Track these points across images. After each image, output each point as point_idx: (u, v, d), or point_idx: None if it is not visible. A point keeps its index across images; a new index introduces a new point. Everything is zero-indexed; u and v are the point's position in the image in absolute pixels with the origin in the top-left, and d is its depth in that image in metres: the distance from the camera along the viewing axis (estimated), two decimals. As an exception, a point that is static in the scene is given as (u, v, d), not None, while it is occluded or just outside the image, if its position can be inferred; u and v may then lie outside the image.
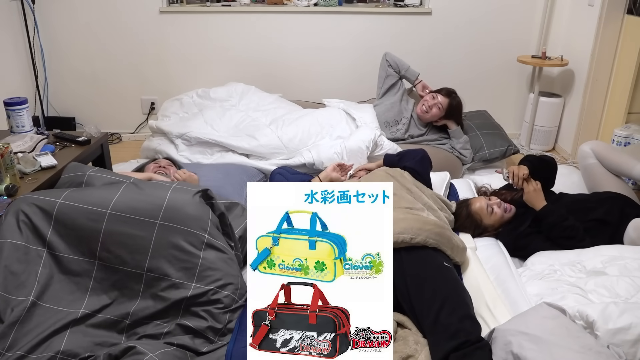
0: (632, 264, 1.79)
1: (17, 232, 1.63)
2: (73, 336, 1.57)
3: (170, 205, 1.68)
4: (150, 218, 1.66)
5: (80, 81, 4.01)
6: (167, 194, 1.71)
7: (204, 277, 1.66)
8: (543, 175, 2.30)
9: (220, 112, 3.25)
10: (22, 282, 1.58)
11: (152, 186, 1.77)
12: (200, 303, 1.64)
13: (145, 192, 1.72)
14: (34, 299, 1.57)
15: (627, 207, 2.17)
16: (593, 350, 1.36)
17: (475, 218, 2.18)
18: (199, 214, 1.72)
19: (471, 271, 1.93)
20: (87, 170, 1.94)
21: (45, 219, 1.66)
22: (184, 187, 1.78)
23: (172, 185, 1.77)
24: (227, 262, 1.73)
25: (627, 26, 3.33)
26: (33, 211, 1.66)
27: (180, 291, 1.64)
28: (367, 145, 2.82)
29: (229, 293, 1.67)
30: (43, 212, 1.67)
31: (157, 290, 1.65)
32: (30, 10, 3.75)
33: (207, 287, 1.65)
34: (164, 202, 1.68)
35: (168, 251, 1.66)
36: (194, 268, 1.66)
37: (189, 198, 1.73)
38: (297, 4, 3.88)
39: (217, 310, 1.63)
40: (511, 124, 4.14)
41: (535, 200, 2.16)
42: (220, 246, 1.74)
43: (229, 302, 1.66)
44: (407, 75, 3.31)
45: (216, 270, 1.68)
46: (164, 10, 3.83)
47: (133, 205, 1.68)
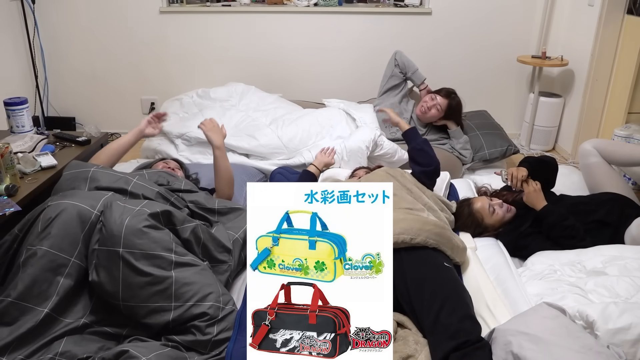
0: (632, 264, 1.79)
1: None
2: (72, 339, 1.56)
3: (128, 232, 1.62)
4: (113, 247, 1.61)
5: (80, 81, 4.01)
6: (125, 222, 1.64)
7: (181, 294, 1.59)
8: (543, 176, 2.30)
9: (220, 112, 3.25)
10: (43, 291, 1.56)
11: (113, 217, 1.68)
12: (185, 320, 1.57)
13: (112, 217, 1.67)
14: (48, 311, 1.55)
15: (626, 207, 2.17)
16: (593, 350, 1.36)
17: (476, 217, 2.19)
18: (160, 236, 1.66)
19: (471, 271, 1.92)
20: (91, 167, 1.94)
21: None
22: (144, 208, 1.72)
23: (134, 210, 1.70)
24: (201, 273, 1.67)
25: (627, 26, 3.33)
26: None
27: (162, 315, 1.58)
28: (367, 145, 2.82)
29: (212, 303, 1.60)
30: None
31: (139, 318, 1.60)
32: (30, 10, 3.75)
33: (187, 304, 1.58)
34: (122, 229, 1.62)
35: (137, 279, 1.59)
36: (169, 289, 1.59)
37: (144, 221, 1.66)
38: (297, 4, 3.88)
39: (203, 322, 1.57)
40: (511, 124, 4.14)
41: (535, 201, 2.16)
42: (190, 260, 1.67)
43: (214, 312, 1.59)
44: (413, 78, 3.29)
45: (192, 284, 1.61)
46: (164, 10, 3.83)
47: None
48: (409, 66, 3.27)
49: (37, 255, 1.57)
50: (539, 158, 2.38)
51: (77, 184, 1.89)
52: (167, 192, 1.98)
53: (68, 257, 1.61)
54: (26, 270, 1.56)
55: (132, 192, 1.90)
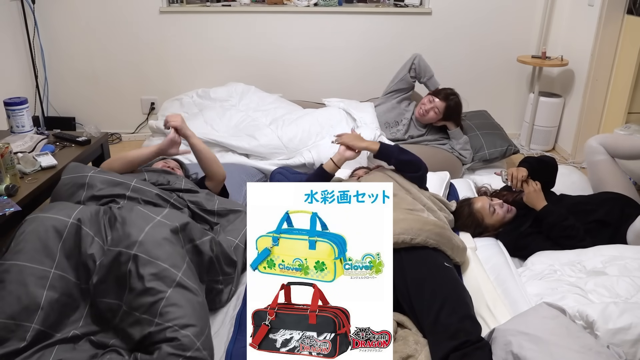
0: (632, 264, 1.79)
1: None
2: (63, 348, 1.52)
3: (145, 240, 1.60)
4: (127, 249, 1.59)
5: (80, 81, 4.01)
6: (145, 230, 1.62)
7: (165, 312, 1.50)
8: (543, 176, 2.30)
9: (220, 112, 3.25)
10: (26, 306, 1.50)
11: (133, 220, 1.67)
12: (158, 340, 1.47)
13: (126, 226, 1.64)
14: (37, 326, 1.49)
15: (627, 207, 2.17)
16: (593, 350, 1.36)
17: (476, 217, 2.19)
18: (174, 252, 1.63)
19: (471, 271, 1.93)
20: (88, 172, 1.92)
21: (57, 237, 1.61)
22: (165, 220, 1.70)
23: (155, 220, 1.69)
24: (197, 304, 1.58)
25: (627, 26, 3.33)
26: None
27: (143, 327, 1.51)
28: (367, 145, 2.82)
29: (190, 335, 1.46)
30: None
31: (125, 325, 1.55)
32: (30, 10, 3.75)
33: (166, 324, 1.48)
34: (140, 237, 1.60)
35: (137, 284, 1.55)
36: (158, 303, 1.52)
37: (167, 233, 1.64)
38: (297, 4, 3.88)
39: (170, 348, 1.43)
40: (511, 124, 4.14)
41: (535, 201, 2.16)
42: (192, 287, 1.60)
43: (188, 343, 1.44)
44: (428, 84, 3.25)
45: (180, 307, 1.51)
46: (164, 10, 3.83)
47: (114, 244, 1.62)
48: (425, 71, 3.23)
49: (11, 271, 1.52)
50: (539, 158, 2.38)
51: (74, 190, 1.87)
52: (166, 194, 1.98)
53: (47, 268, 1.56)
54: (5, 287, 1.50)
55: (131, 196, 1.89)
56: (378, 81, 3.72)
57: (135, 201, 1.89)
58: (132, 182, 1.93)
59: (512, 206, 2.23)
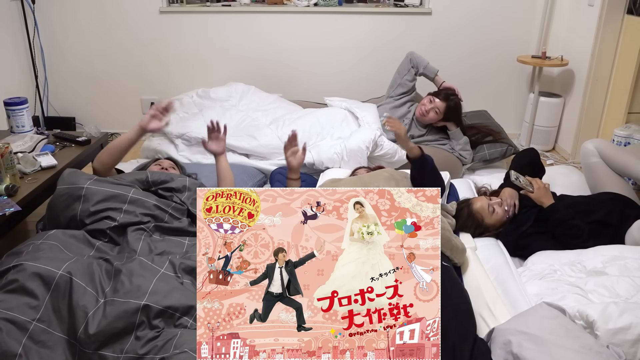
0: (632, 264, 1.79)
1: None
2: None
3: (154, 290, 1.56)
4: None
5: (80, 81, 4.01)
6: (151, 285, 1.58)
7: (160, 347, 1.47)
8: (533, 168, 2.35)
9: (220, 112, 3.25)
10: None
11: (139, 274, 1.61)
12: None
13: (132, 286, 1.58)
14: None
15: (627, 208, 2.17)
16: (593, 350, 1.36)
17: (476, 217, 2.19)
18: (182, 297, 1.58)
19: (471, 271, 1.93)
20: (84, 183, 1.86)
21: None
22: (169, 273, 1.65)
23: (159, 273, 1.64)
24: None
25: (627, 26, 3.33)
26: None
27: None
28: (367, 145, 2.82)
29: None
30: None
31: None
32: (30, 10, 3.76)
33: (156, 356, 1.44)
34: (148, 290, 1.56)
35: (145, 332, 1.51)
36: (158, 338, 1.49)
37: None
38: (297, 4, 3.88)
39: None
40: (511, 124, 4.14)
41: (544, 198, 2.16)
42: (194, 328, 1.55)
43: None
44: (426, 73, 3.24)
45: (180, 345, 1.46)
46: (164, 10, 3.83)
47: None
48: (420, 63, 3.24)
49: None
50: (521, 156, 2.44)
51: (70, 202, 1.84)
52: (164, 203, 1.96)
53: (30, 319, 1.47)
54: None
55: (128, 210, 1.86)
56: (378, 81, 3.72)
57: (132, 215, 1.85)
58: (130, 194, 1.90)
59: (511, 205, 2.22)
